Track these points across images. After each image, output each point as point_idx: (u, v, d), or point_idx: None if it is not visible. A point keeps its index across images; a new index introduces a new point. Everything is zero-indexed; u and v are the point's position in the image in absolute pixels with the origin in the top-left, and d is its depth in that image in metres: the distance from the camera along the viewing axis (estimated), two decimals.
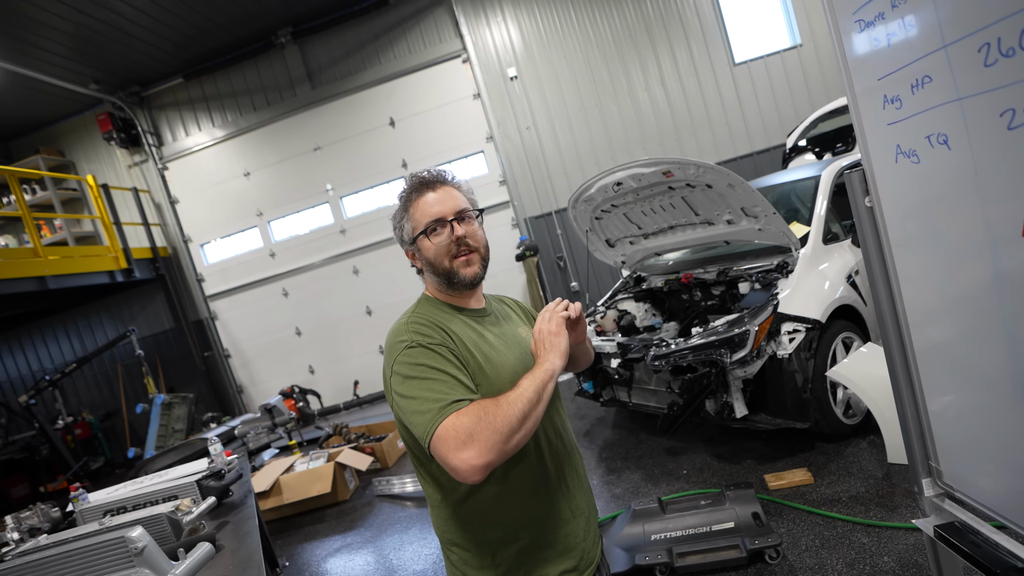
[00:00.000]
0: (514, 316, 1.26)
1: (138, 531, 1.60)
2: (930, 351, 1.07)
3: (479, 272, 1.12)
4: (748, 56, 6.35)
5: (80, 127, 7.32)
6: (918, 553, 1.95)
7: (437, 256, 1.09)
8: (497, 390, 0.99)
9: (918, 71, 0.83)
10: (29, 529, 2.33)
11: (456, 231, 1.08)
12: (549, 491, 1.08)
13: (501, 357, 1.08)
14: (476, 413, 0.88)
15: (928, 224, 0.94)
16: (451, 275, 1.09)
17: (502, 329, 1.16)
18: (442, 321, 1.08)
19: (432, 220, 1.08)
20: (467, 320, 1.12)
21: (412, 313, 1.11)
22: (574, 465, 1.16)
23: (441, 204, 1.09)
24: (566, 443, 1.16)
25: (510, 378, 1.02)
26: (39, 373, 7.68)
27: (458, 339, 1.05)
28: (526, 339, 1.17)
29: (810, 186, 3.46)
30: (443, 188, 1.12)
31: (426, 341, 1.00)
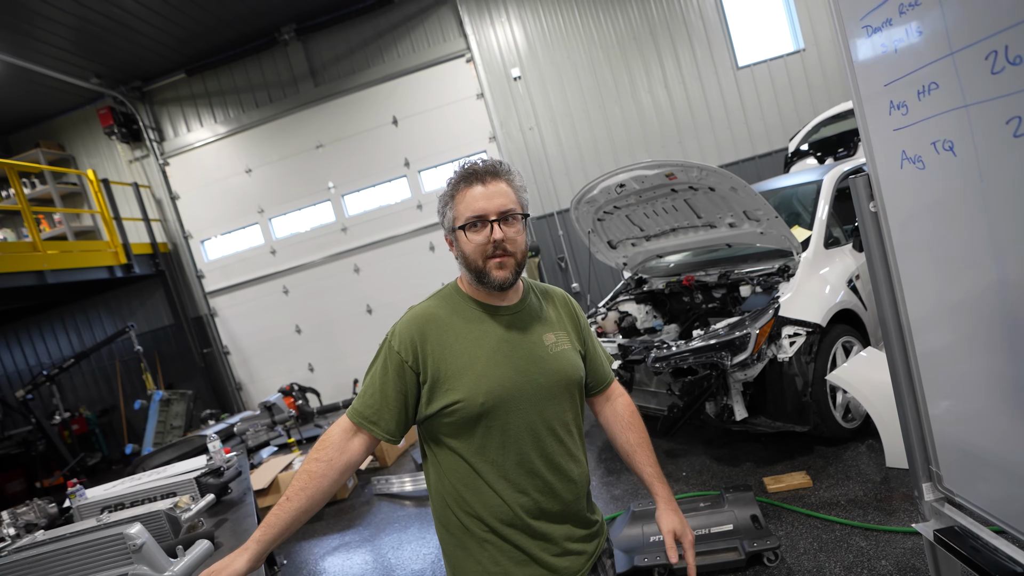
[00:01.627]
0: (552, 317, 1.19)
1: (136, 528, 1.59)
2: (932, 356, 1.07)
3: (510, 277, 1.08)
4: (751, 60, 6.36)
5: (81, 121, 7.31)
6: (916, 557, 1.96)
7: (472, 253, 1.07)
8: (471, 397, 1.03)
9: (925, 77, 0.84)
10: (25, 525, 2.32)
11: (496, 233, 1.05)
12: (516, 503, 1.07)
13: (492, 364, 1.06)
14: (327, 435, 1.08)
15: (932, 230, 0.95)
16: (481, 274, 1.08)
17: (521, 332, 1.11)
18: (443, 319, 1.09)
19: (474, 215, 1.05)
20: (483, 318, 1.11)
21: (421, 304, 1.15)
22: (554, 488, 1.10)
23: (487, 200, 1.05)
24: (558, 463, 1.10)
25: (488, 388, 1.04)
26: (36, 368, 7.66)
27: (446, 344, 1.06)
28: (548, 346, 1.12)
29: (812, 190, 3.47)
30: (494, 183, 1.07)
31: (393, 345, 1.08)
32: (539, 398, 1.08)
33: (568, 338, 1.18)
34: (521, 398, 1.06)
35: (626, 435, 1.26)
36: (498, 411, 1.05)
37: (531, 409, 1.07)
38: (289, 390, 5.39)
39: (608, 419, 1.31)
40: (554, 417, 1.11)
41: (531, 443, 1.07)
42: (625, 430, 1.27)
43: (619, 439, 1.27)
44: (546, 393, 1.09)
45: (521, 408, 1.07)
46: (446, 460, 1.09)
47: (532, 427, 1.07)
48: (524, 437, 1.07)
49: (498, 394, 1.04)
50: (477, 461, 1.06)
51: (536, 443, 1.08)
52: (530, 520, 1.07)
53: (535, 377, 1.08)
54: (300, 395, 5.40)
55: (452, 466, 1.09)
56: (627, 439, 1.26)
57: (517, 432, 1.06)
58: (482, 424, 1.05)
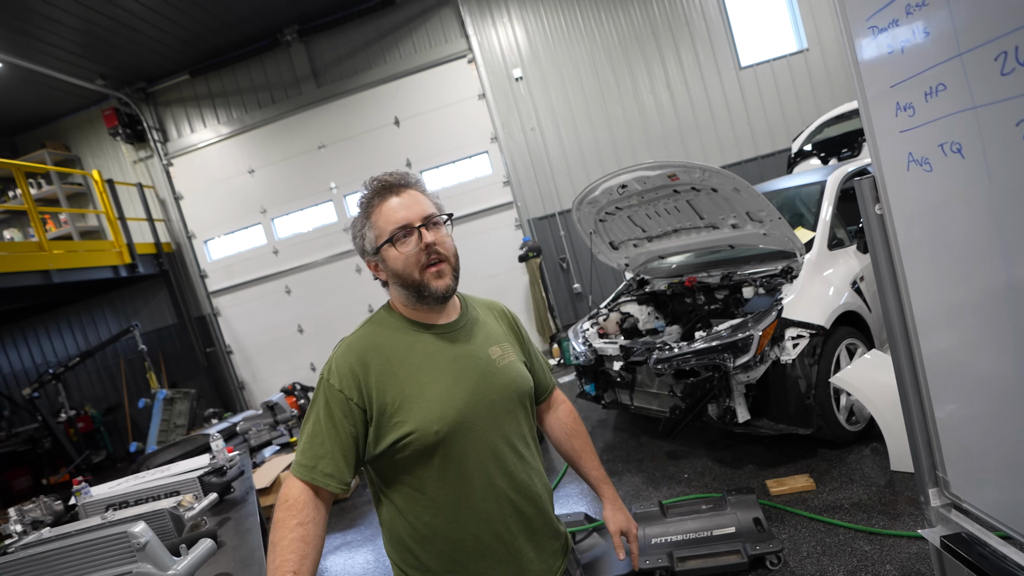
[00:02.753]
0: (491, 331, 1.14)
1: (140, 526, 1.60)
2: (938, 358, 1.06)
3: (451, 284, 1.03)
4: (754, 60, 6.34)
5: (86, 122, 7.35)
6: (920, 562, 1.94)
7: (406, 267, 1.00)
8: (424, 426, 0.97)
9: (932, 79, 0.83)
10: (32, 522, 2.34)
11: (425, 238, 1.00)
12: (483, 534, 1.02)
13: (441, 388, 1.00)
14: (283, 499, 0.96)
15: (939, 232, 0.94)
16: (421, 288, 1.01)
17: (463, 350, 1.06)
18: (384, 348, 1.01)
19: (398, 227, 1.00)
20: (424, 340, 1.04)
21: (355, 333, 1.06)
22: (522, 507, 1.05)
23: (407, 209, 1.01)
24: (519, 483, 1.05)
25: (441, 414, 0.97)
26: (43, 366, 7.71)
27: (390, 372, 0.99)
28: (495, 360, 1.08)
29: (815, 191, 3.45)
30: (408, 192, 1.04)
31: (332, 382, 0.99)
32: (495, 416, 1.03)
33: (513, 349, 1.14)
34: (477, 419, 1.01)
35: (571, 442, 1.27)
36: (455, 437, 0.99)
37: (489, 429, 1.02)
38: (291, 389, 5.40)
39: (552, 427, 1.29)
40: (512, 432, 1.06)
41: (494, 464, 1.02)
42: (570, 437, 1.27)
43: (564, 446, 1.27)
44: (500, 409, 1.05)
45: (478, 430, 1.01)
46: (401, 499, 1.02)
47: (493, 447, 1.02)
48: (486, 460, 1.01)
49: (453, 419, 0.98)
50: (437, 494, 1.00)
51: (499, 464, 1.03)
52: (498, 546, 1.02)
53: (487, 395, 1.03)
54: (302, 394, 5.40)
55: (409, 505, 1.01)
56: (572, 446, 1.27)
57: (478, 456, 1.01)
58: (439, 453, 0.98)
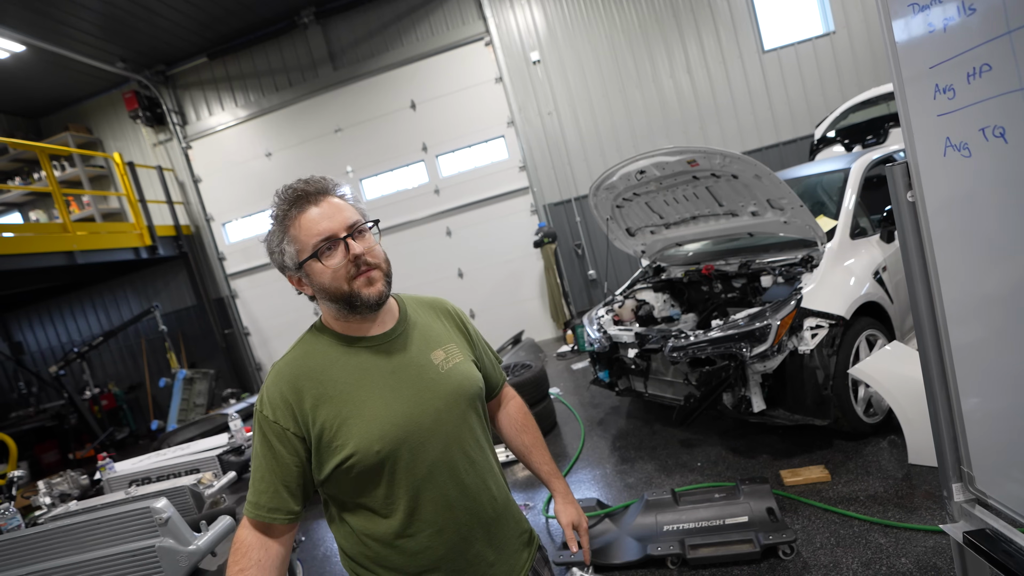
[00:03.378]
0: (438, 331, 1.10)
1: (162, 502, 1.65)
2: (967, 351, 1.03)
3: (383, 290, 0.98)
4: (778, 43, 6.16)
5: (107, 105, 7.44)
6: (938, 556, 1.92)
7: (334, 280, 0.95)
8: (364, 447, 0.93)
9: (976, 59, 0.79)
10: (60, 495, 2.43)
11: (353, 249, 0.94)
12: (439, 546, 0.99)
13: (381, 406, 0.96)
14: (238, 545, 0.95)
15: (975, 220, 0.90)
16: (352, 298, 0.96)
17: (405, 358, 1.02)
18: (313, 370, 0.97)
19: (321, 239, 0.94)
20: (359, 355, 1.00)
21: (284, 358, 1.01)
22: (479, 512, 1.03)
23: (329, 219, 0.94)
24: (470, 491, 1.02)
25: (380, 433, 0.94)
26: (68, 345, 7.94)
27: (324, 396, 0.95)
28: (438, 365, 1.04)
29: (839, 179, 3.36)
30: (327, 200, 0.97)
31: (265, 413, 0.95)
32: (441, 425, 0.99)
33: (459, 349, 1.10)
34: (421, 431, 0.97)
35: (521, 438, 1.25)
36: (399, 454, 0.95)
37: (435, 440, 0.98)
38: None
39: (502, 423, 1.28)
40: (463, 438, 1.02)
41: (446, 476, 0.99)
42: (520, 433, 1.26)
43: (515, 442, 1.26)
44: (447, 417, 1.00)
45: (423, 442, 0.97)
46: (353, 519, 1.00)
47: (444, 458, 0.99)
48: (435, 472, 0.98)
49: (394, 435, 0.94)
50: (388, 511, 0.97)
51: (451, 474, 1.00)
52: (454, 555, 1.00)
53: (431, 404, 0.99)
54: None
55: (361, 523, 0.99)
56: (522, 441, 1.25)
57: (426, 469, 0.97)
58: (385, 472, 0.95)
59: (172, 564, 1.60)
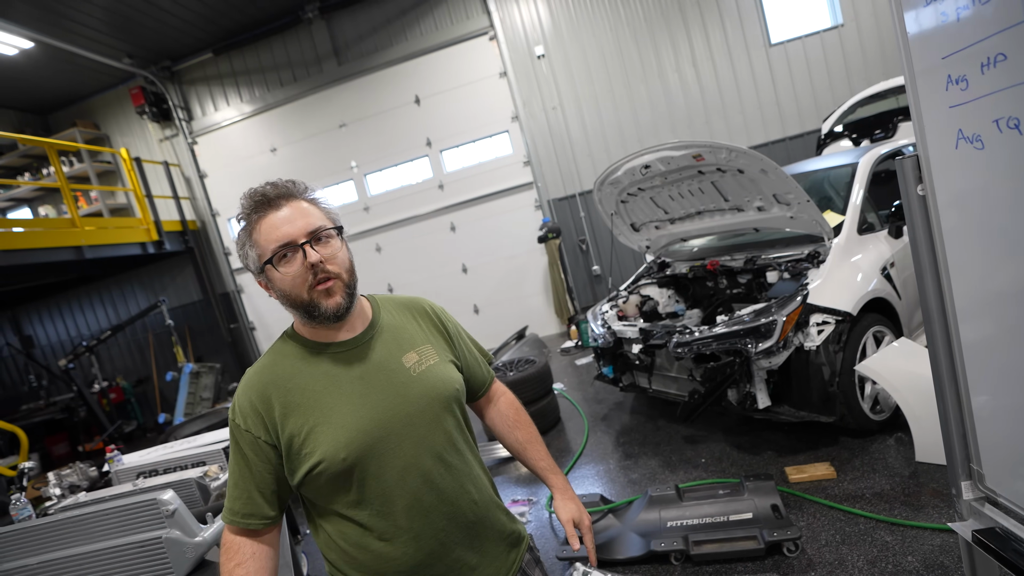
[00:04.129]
0: (412, 333, 1.08)
1: (169, 494, 1.66)
2: (978, 347, 1.02)
3: (343, 302, 0.96)
4: (785, 36, 6.09)
5: (114, 101, 7.47)
6: (945, 555, 1.91)
7: (292, 288, 0.94)
8: (331, 454, 0.92)
9: (990, 48, 0.77)
10: (69, 486, 2.45)
11: (310, 256, 0.93)
12: (416, 553, 0.97)
13: (347, 413, 0.95)
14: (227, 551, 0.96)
15: (988, 214, 0.89)
16: (311, 308, 0.95)
17: (375, 363, 1.00)
18: (282, 378, 0.97)
19: (280, 245, 0.92)
20: (326, 362, 0.99)
21: (254, 366, 1.01)
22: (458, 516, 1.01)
23: (290, 224, 0.93)
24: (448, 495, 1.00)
25: (346, 440, 0.93)
26: (77, 339, 8.02)
27: (292, 403, 0.95)
28: (410, 368, 1.02)
29: (846, 173, 3.33)
30: (291, 204, 0.95)
31: (237, 421, 0.96)
32: (412, 429, 0.98)
33: (435, 351, 1.07)
34: (390, 437, 0.95)
35: (514, 434, 1.23)
36: (368, 461, 0.94)
37: (406, 445, 0.96)
38: None
39: (494, 421, 1.25)
40: (437, 443, 1.00)
41: (419, 482, 0.97)
42: (513, 429, 1.23)
43: (508, 438, 1.23)
44: (420, 421, 0.98)
45: (394, 449, 0.96)
46: (330, 525, 1.00)
47: (416, 464, 0.97)
48: (407, 478, 0.96)
49: (361, 442, 0.93)
50: (363, 517, 0.96)
51: (424, 479, 0.97)
52: (432, 561, 0.99)
53: (401, 408, 0.97)
54: None
55: (339, 529, 0.99)
56: (516, 438, 1.22)
57: (397, 475, 0.96)
58: (355, 479, 0.95)
59: (179, 555, 1.61)
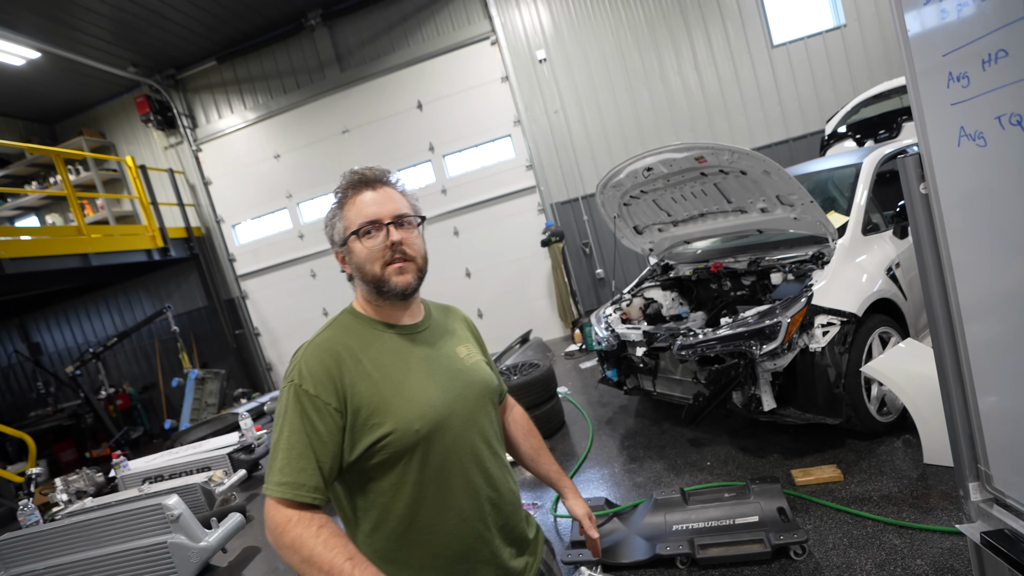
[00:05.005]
0: (458, 331, 1.16)
1: (174, 499, 1.66)
2: (984, 348, 1.01)
3: (412, 283, 1.02)
4: (787, 37, 6.09)
5: (119, 109, 7.55)
6: (954, 558, 1.89)
7: (368, 260, 1.00)
8: (404, 425, 0.94)
9: (991, 45, 0.77)
10: (76, 492, 2.46)
11: (392, 236, 1.00)
12: (464, 535, 1.00)
13: (417, 386, 0.98)
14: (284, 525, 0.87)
15: (991, 212, 0.88)
16: (380, 283, 1.00)
17: (435, 348, 1.07)
18: (354, 347, 0.98)
19: (366, 221, 1.00)
20: (393, 339, 1.03)
21: (320, 335, 1.01)
22: (500, 504, 1.06)
23: (379, 205, 1.01)
24: (495, 481, 1.05)
25: (420, 412, 0.96)
26: (84, 346, 8.07)
27: (363, 372, 0.96)
28: (463, 358, 1.09)
29: (850, 174, 3.31)
30: (383, 188, 1.04)
31: (305, 387, 0.93)
32: (470, 413, 1.03)
33: (477, 350, 1.16)
34: (453, 417, 1.00)
35: (529, 441, 1.31)
36: (435, 436, 0.97)
37: (465, 426, 1.01)
38: None
39: (510, 428, 1.32)
40: (488, 430, 1.07)
41: (472, 462, 1.01)
42: (528, 436, 1.32)
43: (523, 446, 1.31)
44: (475, 406, 1.04)
45: (455, 428, 1.00)
46: (373, 513, 0.98)
47: (471, 446, 1.02)
48: (465, 458, 1.00)
49: (431, 417, 0.97)
50: (415, 497, 0.97)
51: (476, 461, 1.02)
52: (479, 545, 1.01)
53: (462, 391, 1.03)
54: None
55: (383, 516, 0.97)
56: (530, 444, 1.31)
57: (458, 454, 0.99)
58: (418, 454, 0.96)
59: (184, 560, 1.61)
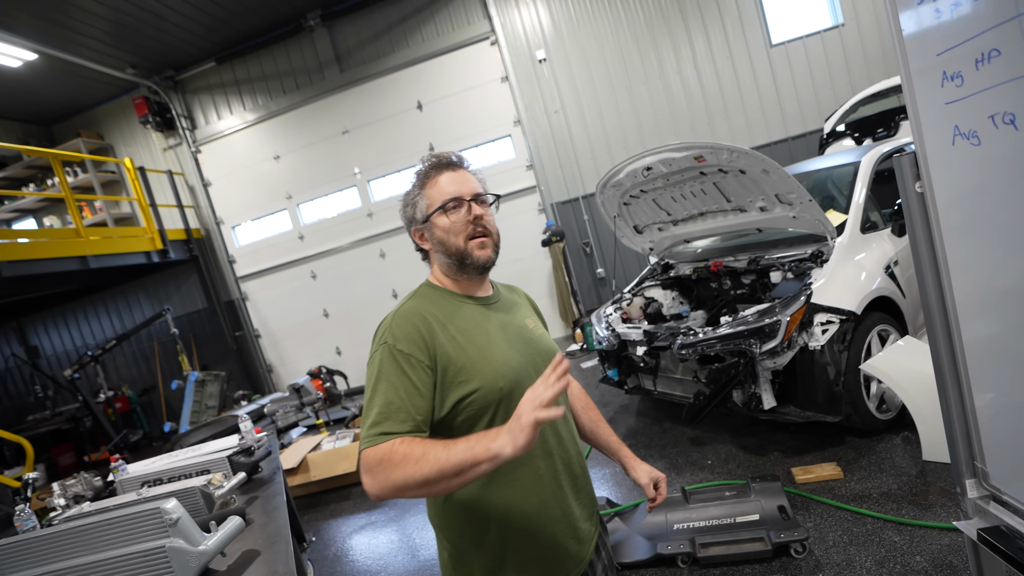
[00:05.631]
0: (522, 306, 1.25)
1: (172, 503, 1.66)
2: (980, 345, 1.01)
3: (492, 256, 1.11)
4: (786, 37, 6.09)
5: (118, 111, 7.54)
6: (953, 554, 1.89)
7: (453, 233, 1.08)
8: (489, 383, 1.01)
9: (984, 44, 0.77)
10: (74, 496, 2.46)
11: (474, 210, 1.09)
12: (539, 491, 1.06)
13: (498, 349, 1.06)
14: (389, 453, 0.91)
15: (986, 210, 0.88)
16: (464, 256, 1.09)
17: (507, 319, 1.15)
18: (438, 314, 1.05)
19: (451, 198, 1.09)
20: (472, 308, 1.11)
21: (405, 304, 1.08)
22: (570, 464, 1.13)
23: (459, 184, 1.11)
24: (565, 442, 1.13)
25: (503, 372, 1.03)
26: (82, 349, 8.06)
27: (449, 335, 1.03)
28: (532, 329, 1.18)
29: (849, 172, 3.32)
30: (462, 171, 1.14)
31: (399, 347, 0.99)
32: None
33: (539, 323, 1.25)
34: (528, 379, 1.04)
35: (588, 413, 1.37)
36: (514, 394, 1.03)
37: None
38: (317, 373, 5.53)
39: (569, 400, 1.36)
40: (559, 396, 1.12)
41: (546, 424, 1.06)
42: (587, 409, 1.37)
43: (582, 417, 1.36)
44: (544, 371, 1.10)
45: None
46: None
47: None
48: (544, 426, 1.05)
49: (512, 377, 1.04)
50: None
51: (550, 423, 1.09)
52: (553, 503, 1.07)
53: (533, 358, 1.11)
54: (328, 378, 5.53)
55: None
56: (589, 416, 1.36)
57: None
58: (501, 411, 1.03)
59: (182, 564, 1.61)
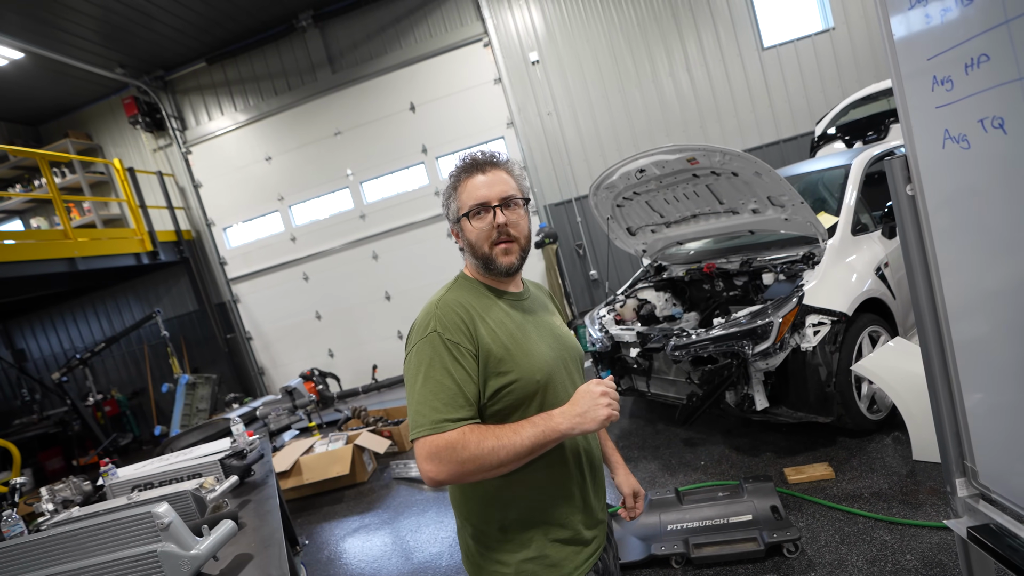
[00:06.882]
0: (548, 303, 1.30)
1: (164, 507, 1.64)
2: (969, 345, 1.02)
3: (516, 262, 1.12)
4: (777, 40, 6.15)
5: (107, 111, 7.46)
6: (943, 552, 1.91)
7: (477, 240, 1.10)
8: (528, 375, 1.04)
9: (974, 49, 0.78)
10: (63, 501, 2.42)
11: (498, 218, 1.09)
12: (564, 477, 1.10)
13: (534, 344, 1.09)
14: (460, 439, 0.95)
15: (976, 213, 0.90)
16: (488, 261, 1.11)
17: (537, 316, 1.18)
18: (476, 307, 1.09)
19: (476, 203, 1.09)
20: (505, 305, 1.13)
21: (446, 294, 1.12)
22: (591, 454, 1.17)
23: (488, 188, 1.10)
24: (593, 442, 1.19)
25: (539, 365, 1.07)
26: (70, 352, 7.95)
27: (488, 328, 1.06)
28: (559, 327, 1.22)
29: (840, 175, 3.36)
30: (493, 171, 1.13)
31: (448, 336, 1.02)
32: (569, 372, 1.15)
33: (562, 321, 1.29)
34: (560, 371, 1.12)
35: None
36: (548, 386, 1.08)
37: (567, 382, 1.13)
38: (310, 375, 5.49)
39: None
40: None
41: None
42: None
43: None
44: (572, 366, 1.17)
45: (561, 381, 1.11)
46: None
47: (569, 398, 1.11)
48: None
49: (547, 370, 1.08)
50: None
51: None
52: (576, 492, 1.11)
53: (562, 352, 1.15)
54: (320, 380, 5.49)
55: None
56: None
57: (562, 404, 1.08)
58: (535, 402, 1.07)
59: (175, 569, 1.59)
